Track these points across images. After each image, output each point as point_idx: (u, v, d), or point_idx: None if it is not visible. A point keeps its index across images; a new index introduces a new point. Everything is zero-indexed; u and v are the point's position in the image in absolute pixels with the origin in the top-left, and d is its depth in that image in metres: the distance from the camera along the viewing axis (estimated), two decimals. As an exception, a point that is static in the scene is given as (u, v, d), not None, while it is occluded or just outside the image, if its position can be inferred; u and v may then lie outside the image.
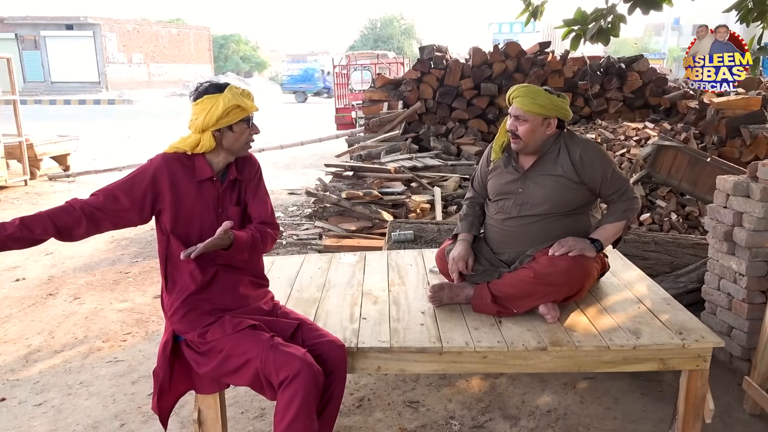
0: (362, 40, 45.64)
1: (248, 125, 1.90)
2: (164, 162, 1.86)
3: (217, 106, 1.81)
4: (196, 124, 1.84)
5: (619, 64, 7.03)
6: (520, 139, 2.26)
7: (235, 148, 1.90)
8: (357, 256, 2.94)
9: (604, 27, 4.29)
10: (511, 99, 2.29)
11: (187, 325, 1.87)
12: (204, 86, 1.87)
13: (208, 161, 1.90)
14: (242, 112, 1.86)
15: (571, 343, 1.98)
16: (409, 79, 7.13)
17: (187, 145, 1.86)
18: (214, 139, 1.85)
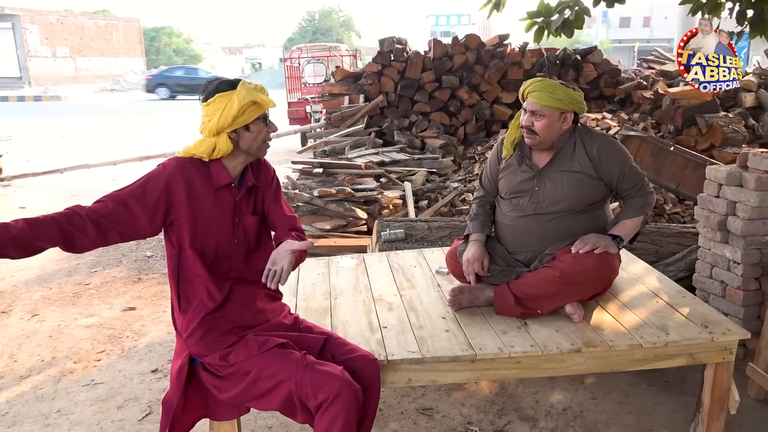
0: (301, 32, 45.02)
1: (265, 123, 1.74)
2: (179, 167, 1.67)
3: (231, 105, 1.64)
4: (209, 127, 1.67)
5: (574, 56, 7.16)
6: (536, 135, 2.18)
7: (253, 149, 1.74)
8: (355, 259, 2.80)
9: (570, 19, 4.29)
10: (526, 94, 2.21)
11: (207, 347, 1.69)
12: (214, 84, 1.70)
13: (224, 166, 1.73)
14: (258, 108, 1.69)
15: (604, 343, 1.94)
16: (369, 72, 7.00)
17: (203, 151, 1.68)
18: (230, 141, 1.68)
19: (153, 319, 3.48)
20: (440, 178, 6.10)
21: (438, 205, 5.27)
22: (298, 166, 5.49)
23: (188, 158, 1.69)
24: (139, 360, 2.98)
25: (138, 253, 4.79)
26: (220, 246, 1.72)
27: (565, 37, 4.28)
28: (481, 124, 7.08)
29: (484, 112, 7.01)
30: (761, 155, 2.75)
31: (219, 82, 1.69)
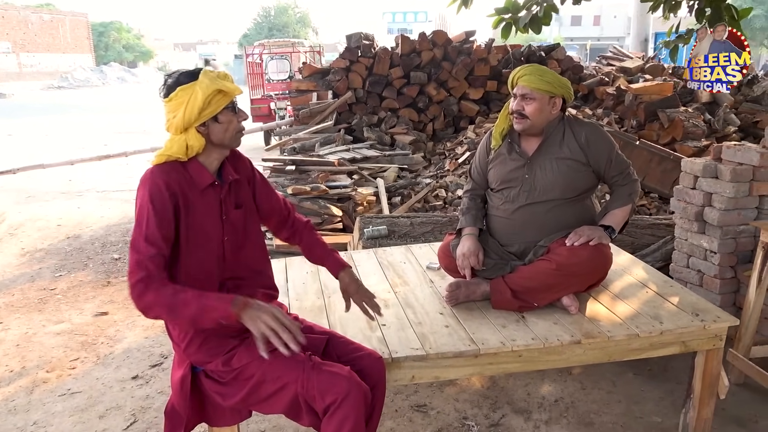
0: (256, 28, 44.36)
1: (234, 111, 1.65)
2: (165, 175, 1.58)
3: (195, 97, 1.54)
4: (175, 124, 1.57)
5: (539, 53, 7.26)
6: (526, 119, 2.20)
7: (227, 141, 1.64)
8: (343, 256, 2.75)
9: (539, 15, 4.34)
10: (516, 79, 2.23)
11: (207, 354, 1.62)
12: (174, 77, 1.59)
13: (202, 164, 1.64)
14: (225, 97, 1.59)
15: (603, 334, 1.96)
16: (337, 68, 6.93)
17: (178, 151, 1.58)
18: (201, 136, 1.60)
19: (128, 324, 3.35)
20: (411, 174, 6.09)
21: (411, 201, 5.27)
22: (269, 164, 5.38)
23: (166, 164, 1.60)
24: (117, 367, 2.86)
25: (104, 256, 4.61)
26: (213, 248, 1.65)
27: (522, 34, 4.33)
28: (449, 120, 7.11)
29: (452, 108, 7.04)
30: (735, 148, 2.85)
31: (179, 74, 1.59)
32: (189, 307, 1.47)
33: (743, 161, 2.79)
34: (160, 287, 1.48)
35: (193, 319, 1.49)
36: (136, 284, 1.47)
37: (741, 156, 2.80)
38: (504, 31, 4.42)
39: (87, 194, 6.79)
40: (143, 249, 1.50)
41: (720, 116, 6.58)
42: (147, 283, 1.47)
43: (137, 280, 1.47)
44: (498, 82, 7.11)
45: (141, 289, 1.47)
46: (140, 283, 1.47)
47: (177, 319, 1.55)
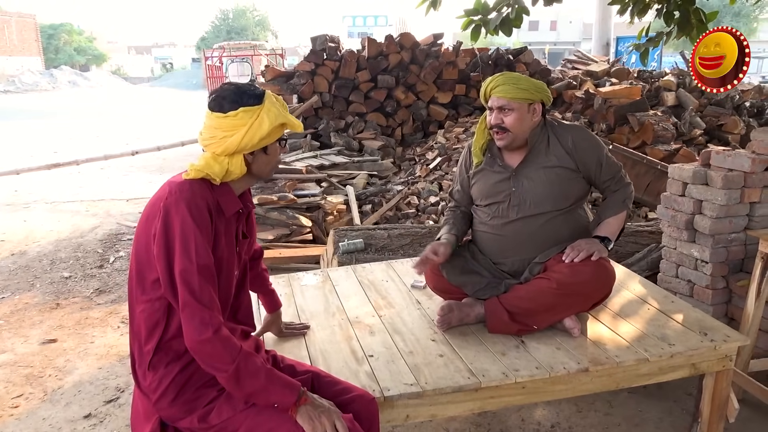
0: (214, 31, 43.58)
1: (282, 145, 1.53)
2: (204, 193, 1.38)
3: (261, 124, 1.39)
4: (226, 145, 1.39)
5: (507, 56, 7.19)
6: (507, 132, 2.03)
7: (264, 173, 1.51)
8: (318, 275, 2.54)
9: (511, 17, 4.22)
10: (489, 91, 2.06)
11: (182, 409, 1.38)
12: (236, 92, 1.41)
13: (232, 189, 1.47)
14: (281, 130, 1.47)
15: (611, 360, 1.80)
16: (302, 71, 6.68)
17: (217, 173, 1.40)
18: (244, 164, 1.43)
19: (79, 353, 3.03)
20: (381, 181, 5.91)
21: (383, 210, 5.08)
22: (233, 172, 5.11)
23: (201, 181, 1.40)
24: (66, 404, 2.56)
25: (53, 275, 4.25)
26: (229, 281, 1.48)
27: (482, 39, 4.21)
28: (417, 125, 6.95)
29: (421, 112, 6.89)
30: (725, 153, 2.75)
31: (243, 92, 1.41)
32: (257, 379, 1.33)
33: (734, 167, 2.69)
34: (230, 345, 1.31)
35: (252, 393, 1.34)
36: (206, 343, 1.29)
37: (731, 162, 2.71)
38: (473, 33, 4.28)
39: (34, 206, 6.35)
40: (205, 293, 1.31)
41: (686, 119, 6.62)
42: (217, 340, 1.30)
43: (207, 338, 1.29)
44: (467, 85, 7.00)
45: (210, 350, 1.30)
46: (209, 344, 1.29)
47: (235, 388, 1.34)
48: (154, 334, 1.38)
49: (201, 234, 1.32)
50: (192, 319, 1.29)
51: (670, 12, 4.38)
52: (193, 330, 1.28)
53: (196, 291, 1.30)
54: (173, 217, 1.32)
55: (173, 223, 1.32)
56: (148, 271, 1.38)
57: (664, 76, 7.43)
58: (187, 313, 1.29)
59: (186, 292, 1.29)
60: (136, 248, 1.41)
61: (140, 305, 1.39)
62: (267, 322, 1.91)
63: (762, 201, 2.72)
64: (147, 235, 1.37)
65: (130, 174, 8.19)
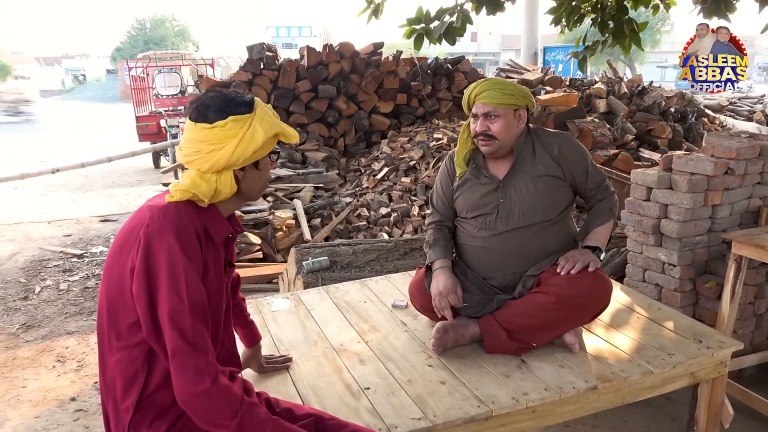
0: (131, 41, 41.69)
1: (273, 159, 1.34)
2: (192, 217, 1.19)
3: (253, 135, 1.21)
4: (214, 160, 1.20)
5: (446, 65, 7.21)
6: (494, 140, 1.95)
7: (254, 191, 1.33)
8: (290, 299, 2.34)
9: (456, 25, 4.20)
10: (473, 98, 1.97)
11: None
12: (224, 100, 1.22)
13: (220, 212, 1.28)
14: (274, 141, 1.29)
15: (617, 376, 1.73)
16: (239, 81, 6.40)
17: (204, 192, 1.20)
18: (234, 182, 1.24)
19: (9, 400, 2.66)
20: (328, 193, 5.73)
21: (334, 223, 4.90)
22: (171, 189, 4.77)
23: (187, 203, 1.20)
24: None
25: (-32, 310, 3.77)
26: (218, 315, 1.28)
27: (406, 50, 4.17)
28: (360, 135, 6.83)
29: (363, 122, 6.77)
30: (686, 158, 2.80)
31: (231, 99, 1.23)
32: None
33: (696, 171, 2.74)
34: (230, 396, 1.12)
35: None
36: (203, 395, 1.09)
37: (693, 166, 2.75)
38: (416, 42, 4.22)
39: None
40: (198, 336, 1.11)
41: (618, 125, 6.88)
42: (216, 392, 1.10)
43: (204, 390, 1.09)
44: (408, 95, 6.95)
45: (208, 404, 1.10)
46: (206, 396, 1.09)
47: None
48: (132, 387, 1.16)
49: (191, 266, 1.13)
50: (184, 368, 1.09)
51: (604, 22, 4.51)
52: (186, 381, 1.08)
53: (188, 335, 1.10)
54: (157, 248, 1.12)
55: (158, 254, 1.12)
56: (123, 313, 1.16)
57: (594, 84, 7.71)
58: (179, 362, 1.09)
59: (176, 337, 1.09)
60: (107, 286, 1.19)
61: (115, 354, 1.17)
62: (246, 358, 1.71)
63: (723, 203, 2.78)
64: (121, 271, 1.16)
65: (49, 194, 7.57)
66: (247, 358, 1.71)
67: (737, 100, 10.17)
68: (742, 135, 3.12)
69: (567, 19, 4.72)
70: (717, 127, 7.58)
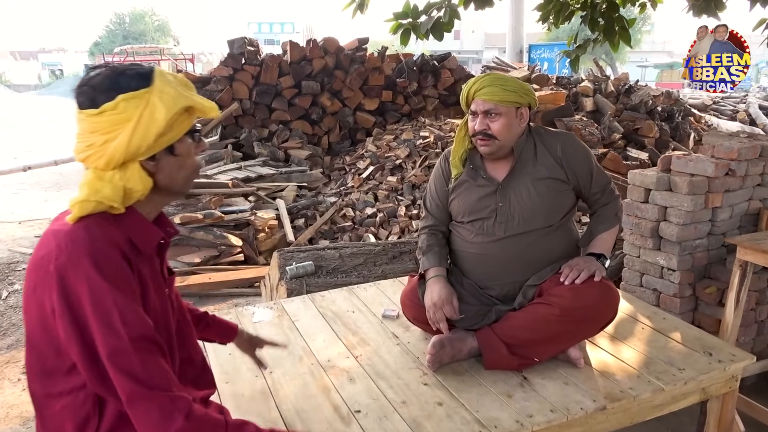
0: (109, 36, 40.96)
1: (194, 139, 1.10)
2: (101, 233, 0.98)
3: (153, 113, 0.98)
4: (110, 154, 0.98)
5: (432, 62, 7.08)
6: (494, 139, 1.81)
7: (178, 183, 1.09)
8: (272, 308, 2.19)
9: (444, 20, 4.08)
10: (473, 94, 1.83)
11: None
12: (111, 76, 1.00)
13: (142, 216, 1.07)
14: (189, 118, 1.06)
15: (627, 394, 1.61)
16: (219, 76, 6.20)
17: (110, 197, 0.99)
18: (147, 175, 1.03)
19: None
20: (311, 192, 5.57)
21: (318, 224, 4.75)
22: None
23: (97, 216, 0.99)
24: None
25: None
26: (168, 344, 1.09)
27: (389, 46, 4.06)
28: (345, 133, 6.68)
29: (348, 119, 6.62)
30: (686, 158, 2.69)
31: (121, 73, 1.00)
32: None
33: (696, 172, 2.64)
34: (211, 424, 1.00)
35: None
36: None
37: (693, 167, 2.65)
38: (403, 37, 4.10)
39: None
40: (153, 371, 0.96)
41: (605, 124, 6.80)
42: (193, 426, 0.96)
43: (179, 429, 0.94)
44: (393, 92, 6.81)
45: None
46: None
47: None
48: (80, 408, 0.99)
49: (121, 293, 0.95)
50: (149, 412, 0.93)
51: (594, 19, 4.41)
52: (155, 425, 0.92)
53: (139, 374, 0.94)
54: (74, 283, 0.93)
55: (77, 290, 0.93)
56: (58, 356, 0.98)
57: (581, 82, 7.63)
58: (140, 408, 0.94)
59: (126, 381, 0.93)
60: (30, 329, 1.01)
61: (58, 401, 0.99)
62: (243, 347, 1.59)
63: (723, 205, 2.69)
64: (41, 312, 0.98)
65: (21, 192, 7.29)
66: (242, 346, 1.58)
67: (720, 99, 10.21)
68: (741, 135, 3.03)
69: (555, 16, 4.62)
70: (703, 126, 7.56)
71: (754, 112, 9.13)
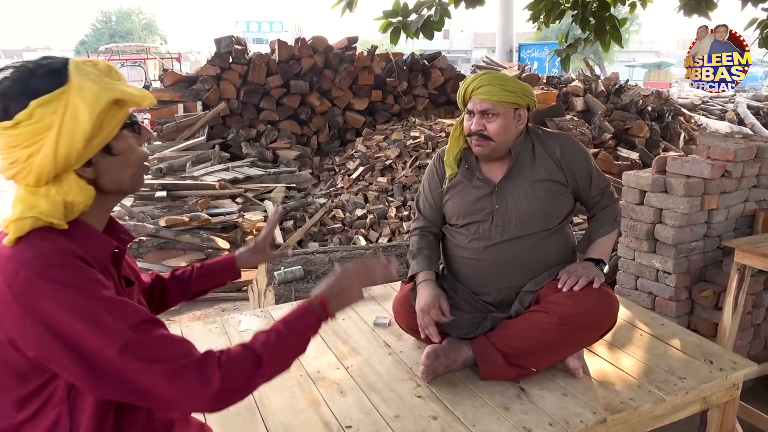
0: (95, 34, 40.49)
1: (135, 131, 0.98)
2: (50, 247, 0.88)
3: (75, 115, 0.86)
4: (38, 167, 0.86)
5: (422, 61, 7.02)
6: (490, 141, 1.75)
7: (125, 183, 0.98)
8: (260, 317, 2.11)
9: (435, 18, 4.02)
10: (470, 92, 1.76)
11: None
12: (20, 79, 0.87)
13: (90, 225, 0.97)
14: (121, 111, 0.93)
15: (627, 405, 1.55)
16: (206, 75, 6.10)
17: (49, 212, 0.88)
18: (86, 183, 0.92)
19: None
20: (300, 194, 5.49)
21: (307, 226, 4.67)
22: (132, 190, 4.47)
23: (39, 232, 0.89)
24: None
25: None
26: None
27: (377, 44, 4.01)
28: (334, 133, 6.60)
29: (337, 119, 6.54)
30: (682, 159, 2.65)
31: (30, 74, 0.87)
32: (282, 350, 1.07)
33: (692, 173, 2.60)
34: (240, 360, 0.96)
35: (290, 357, 1.11)
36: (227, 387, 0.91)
37: (689, 168, 2.61)
38: (392, 36, 4.03)
39: None
40: (167, 345, 0.90)
41: (596, 124, 6.78)
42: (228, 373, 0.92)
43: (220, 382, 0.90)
44: (383, 91, 6.75)
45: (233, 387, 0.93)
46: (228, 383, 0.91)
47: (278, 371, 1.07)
48: None
49: (98, 293, 0.87)
50: (185, 384, 0.87)
51: (585, 18, 4.38)
52: (197, 394, 0.88)
53: (159, 355, 0.87)
54: (44, 307, 0.83)
55: (52, 315, 0.83)
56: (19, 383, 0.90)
57: (571, 81, 7.61)
58: (176, 385, 0.87)
59: (150, 367, 0.86)
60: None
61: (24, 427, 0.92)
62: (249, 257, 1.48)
63: (719, 207, 2.65)
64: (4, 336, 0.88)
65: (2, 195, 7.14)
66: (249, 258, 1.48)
67: (709, 99, 10.24)
68: (736, 135, 3.00)
69: (546, 15, 4.58)
70: (693, 126, 7.57)
71: (742, 112, 9.16)
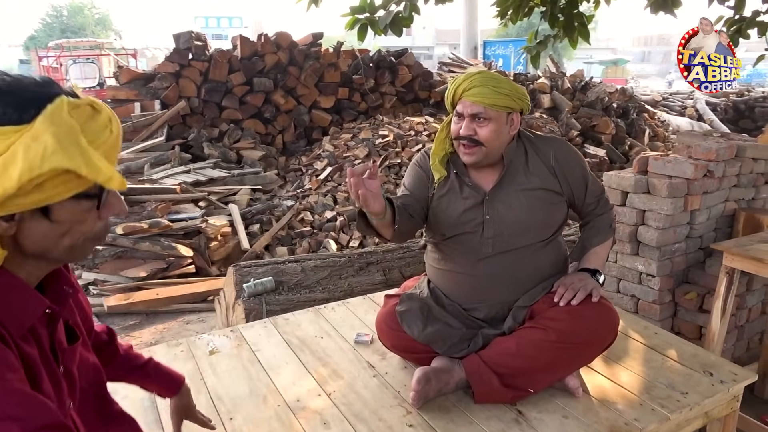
0: (46, 29, 38.87)
1: (93, 204, 0.78)
2: None
3: (5, 167, 0.67)
4: None
5: (389, 58, 6.89)
6: (480, 146, 1.62)
7: (59, 251, 0.78)
8: (229, 337, 1.94)
9: (404, 15, 3.90)
10: (460, 93, 1.62)
11: None
12: None
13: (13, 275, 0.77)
14: (77, 180, 0.72)
15: (632, 426, 1.46)
16: (164, 73, 5.82)
17: None
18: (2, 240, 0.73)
19: None
20: (266, 195, 5.29)
21: (275, 229, 4.49)
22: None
23: None
24: None
25: None
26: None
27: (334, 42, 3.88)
28: (300, 132, 6.41)
29: (303, 118, 6.35)
30: (664, 160, 2.60)
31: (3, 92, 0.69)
32: None
33: (675, 174, 2.54)
34: None
35: None
36: None
37: (672, 168, 2.55)
38: (360, 33, 3.89)
39: None
40: None
41: (563, 121, 6.79)
42: None
43: None
44: (350, 89, 6.59)
45: None
46: None
47: None
48: None
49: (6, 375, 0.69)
50: None
51: (554, 15, 4.33)
52: None
53: None
54: None
55: None
56: None
57: (538, 78, 7.61)
58: None
59: None
60: None
61: None
62: (176, 410, 1.28)
63: (701, 208, 2.60)
64: None
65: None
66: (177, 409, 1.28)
67: (669, 95, 10.44)
68: (714, 134, 2.97)
69: (514, 12, 4.51)
70: (657, 123, 7.66)
71: (701, 108, 9.36)
